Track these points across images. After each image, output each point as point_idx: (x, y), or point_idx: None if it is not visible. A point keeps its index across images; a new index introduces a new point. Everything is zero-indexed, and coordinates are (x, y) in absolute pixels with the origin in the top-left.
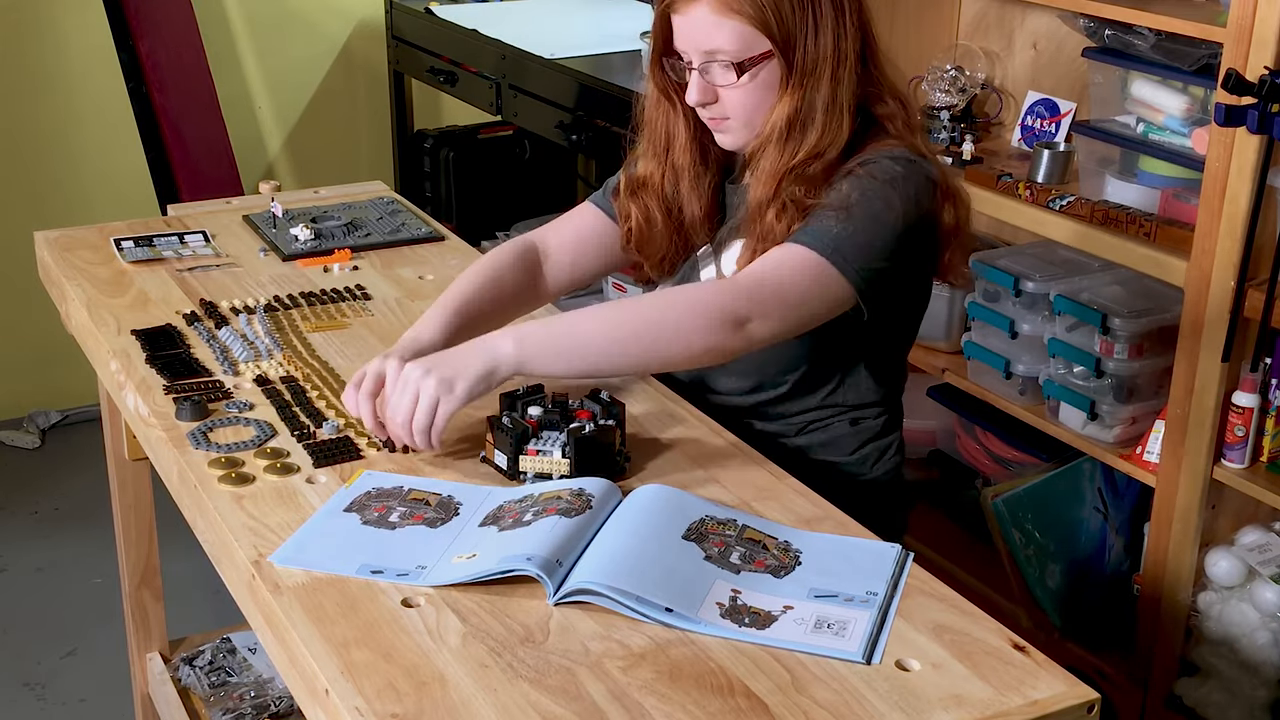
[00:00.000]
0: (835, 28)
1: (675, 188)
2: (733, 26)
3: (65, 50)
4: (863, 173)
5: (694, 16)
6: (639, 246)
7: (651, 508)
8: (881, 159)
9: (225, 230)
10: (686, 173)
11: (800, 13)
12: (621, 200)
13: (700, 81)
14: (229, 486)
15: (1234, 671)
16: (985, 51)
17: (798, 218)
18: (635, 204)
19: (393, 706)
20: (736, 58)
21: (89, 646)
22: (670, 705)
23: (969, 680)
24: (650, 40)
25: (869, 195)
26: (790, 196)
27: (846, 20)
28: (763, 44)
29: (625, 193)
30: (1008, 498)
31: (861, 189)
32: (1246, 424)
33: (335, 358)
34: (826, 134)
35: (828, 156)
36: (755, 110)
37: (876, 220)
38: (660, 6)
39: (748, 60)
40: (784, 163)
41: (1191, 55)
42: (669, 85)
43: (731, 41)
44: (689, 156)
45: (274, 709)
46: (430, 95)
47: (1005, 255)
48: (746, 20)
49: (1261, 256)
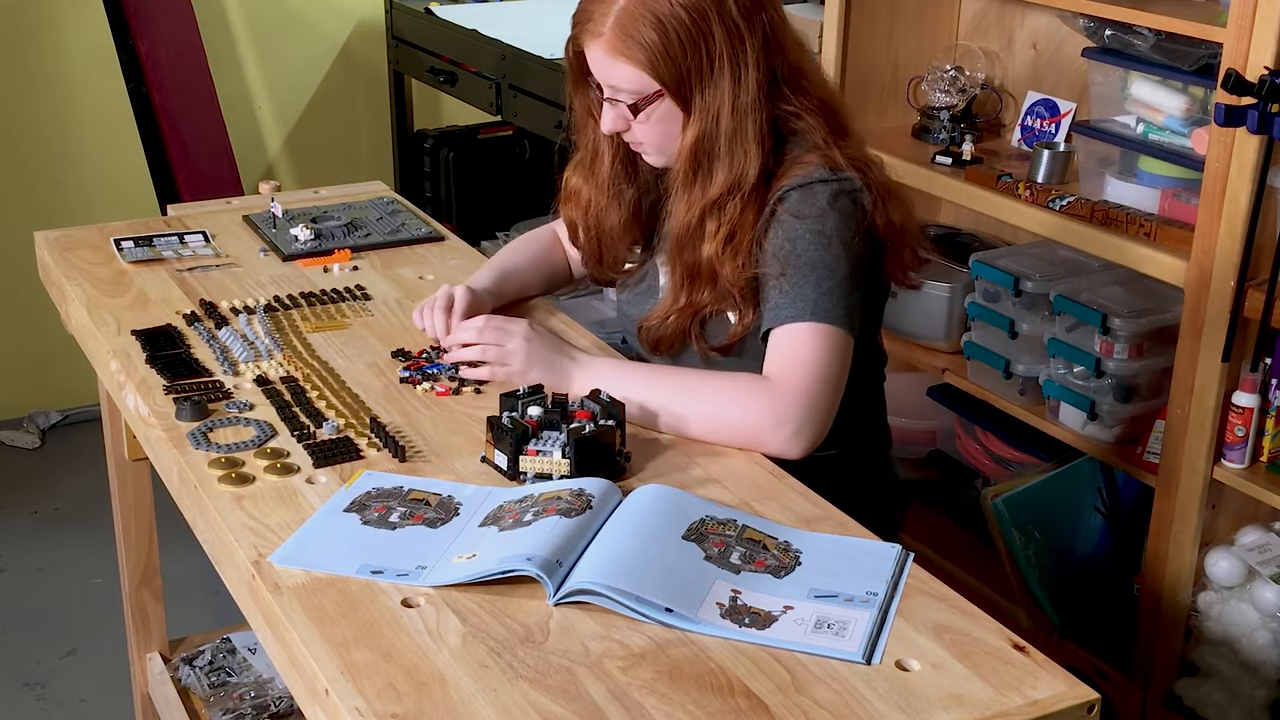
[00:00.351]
0: (732, 63)
1: (597, 200)
2: (623, 68)
3: (65, 50)
4: (786, 215)
5: (593, 53)
6: (579, 249)
7: (651, 508)
8: (795, 191)
9: (225, 230)
10: (607, 187)
11: (690, 54)
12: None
13: (611, 111)
14: (229, 486)
15: (1234, 671)
16: (985, 51)
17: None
18: (564, 212)
19: (393, 706)
20: (630, 98)
21: (89, 646)
22: (670, 705)
23: (969, 680)
24: (566, 58)
25: (805, 240)
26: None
27: (746, 53)
28: (652, 85)
29: (561, 201)
30: (1008, 498)
31: (793, 237)
32: (1246, 424)
33: (335, 358)
34: (734, 166)
35: (743, 189)
36: (665, 139)
37: (823, 261)
38: (570, 34)
39: (640, 100)
40: (696, 198)
41: (1191, 55)
42: (591, 104)
43: (626, 81)
44: (611, 173)
45: (274, 709)
46: (430, 95)
47: (1005, 255)
48: (634, 64)
49: (1261, 256)
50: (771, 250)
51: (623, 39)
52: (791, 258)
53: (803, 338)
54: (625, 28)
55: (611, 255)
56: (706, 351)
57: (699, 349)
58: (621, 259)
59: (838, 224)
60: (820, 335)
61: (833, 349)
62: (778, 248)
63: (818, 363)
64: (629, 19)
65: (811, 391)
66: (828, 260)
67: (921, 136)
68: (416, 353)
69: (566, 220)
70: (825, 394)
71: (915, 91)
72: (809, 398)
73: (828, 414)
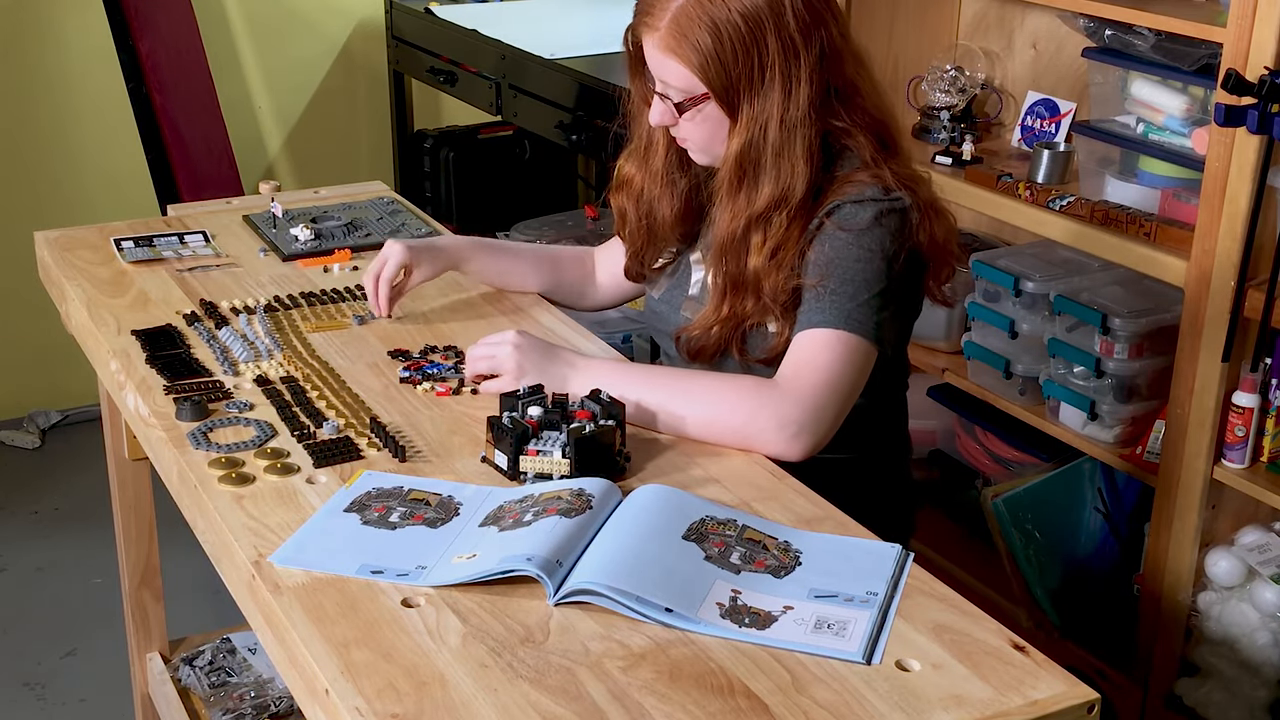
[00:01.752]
0: (784, 76)
1: (650, 190)
2: (674, 66)
3: (65, 50)
4: (832, 228)
5: (648, 47)
6: (625, 239)
7: (651, 508)
8: (846, 206)
9: (225, 230)
10: (661, 177)
11: (742, 61)
12: (612, 194)
13: (660, 105)
14: (229, 486)
15: (1234, 671)
16: (985, 51)
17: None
18: (615, 200)
19: (393, 706)
20: (677, 96)
21: (89, 646)
22: (670, 705)
23: (969, 680)
24: (625, 45)
25: (849, 252)
26: (757, 242)
27: (800, 67)
28: (699, 86)
29: (613, 188)
30: (1008, 498)
31: (837, 249)
32: (1246, 424)
33: (335, 358)
34: (781, 181)
35: (790, 205)
36: (709, 140)
37: (863, 274)
38: (631, 24)
39: (687, 100)
40: (741, 209)
41: (1191, 55)
42: (647, 93)
43: (675, 78)
44: (665, 162)
45: (274, 709)
46: (430, 95)
47: (1005, 255)
48: (684, 63)
49: (1261, 256)
50: (814, 260)
51: (676, 38)
52: (832, 267)
53: (825, 343)
54: (680, 26)
55: (659, 246)
56: (750, 363)
57: (741, 360)
58: (663, 253)
59: (882, 239)
60: (844, 343)
61: (852, 359)
62: (820, 258)
63: (831, 369)
64: (685, 19)
65: (818, 397)
66: (868, 274)
67: (921, 136)
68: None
69: (617, 208)
70: (832, 401)
71: (915, 91)
72: (814, 402)
73: (832, 421)
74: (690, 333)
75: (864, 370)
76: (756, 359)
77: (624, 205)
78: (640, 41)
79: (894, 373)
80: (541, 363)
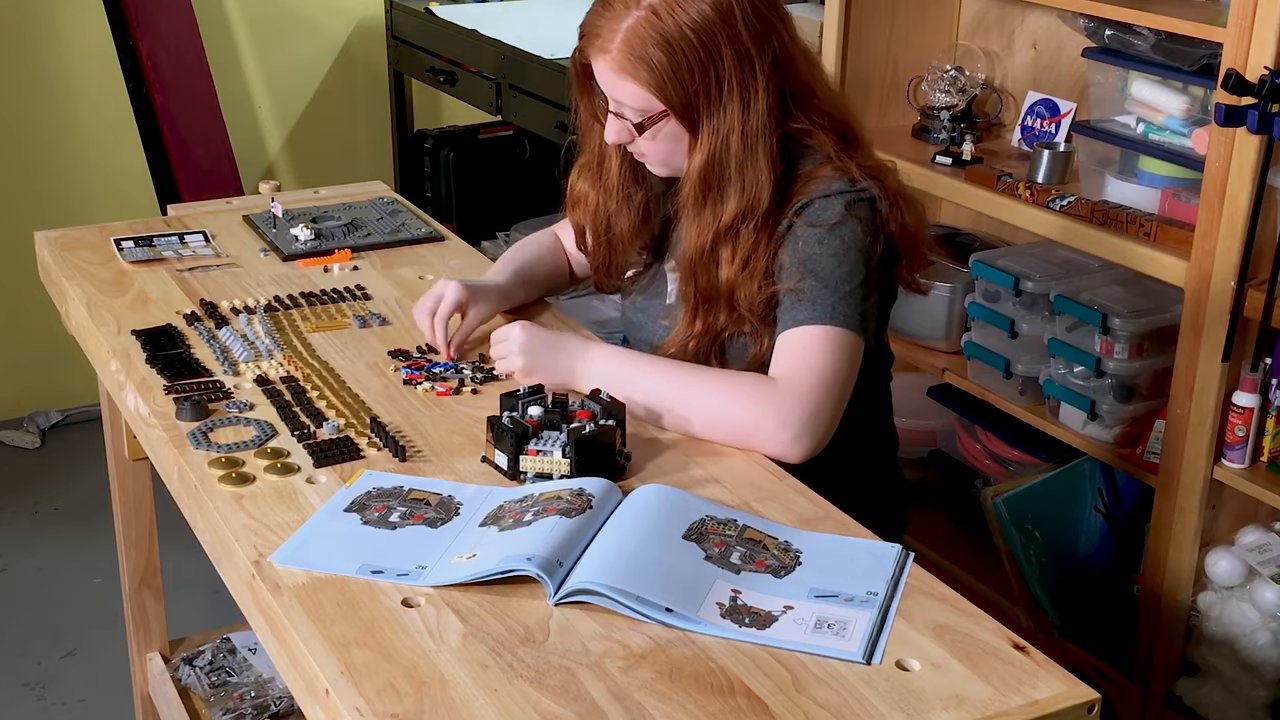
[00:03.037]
0: (741, 86)
1: (606, 206)
2: (629, 86)
3: (65, 50)
4: (803, 226)
5: (599, 69)
6: (586, 254)
7: (651, 507)
8: (815, 202)
9: (225, 230)
10: (616, 192)
11: (699, 76)
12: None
13: (615, 123)
14: (229, 486)
15: (1234, 671)
16: (985, 51)
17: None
18: (572, 217)
19: (393, 706)
20: (635, 116)
21: (89, 646)
22: (670, 705)
23: (969, 680)
24: (571, 65)
25: (824, 247)
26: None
27: (756, 76)
28: (656, 104)
29: (567, 205)
30: (1008, 498)
31: (811, 245)
32: (1246, 424)
33: (335, 358)
34: (747, 192)
35: (756, 214)
36: (669, 155)
37: (841, 267)
38: (577, 45)
39: (646, 120)
40: (708, 224)
41: (1191, 55)
42: (597, 110)
43: (631, 99)
44: (619, 178)
45: (274, 709)
46: (430, 95)
47: (1005, 255)
48: (640, 84)
49: (1261, 256)
50: (789, 261)
51: (630, 58)
52: (808, 264)
53: (814, 340)
54: (633, 47)
55: (620, 260)
56: None
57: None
58: (629, 265)
59: (855, 231)
60: (832, 339)
61: (843, 353)
62: (794, 257)
63: (825, 367)
64: (636, 38)
65: (817, 396)
66: (845, 266)
67: (921, 136)
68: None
69: (575, 225)
70: (830, 399)
71: (915, 91)
72: (814, 402)
73: (832, 419)
74: (667, 350)
75: (855, 364)
76: (738, 369)
77: (581, 222)
78: (588, 62)
79: (875, 363)
80: (548, 356)
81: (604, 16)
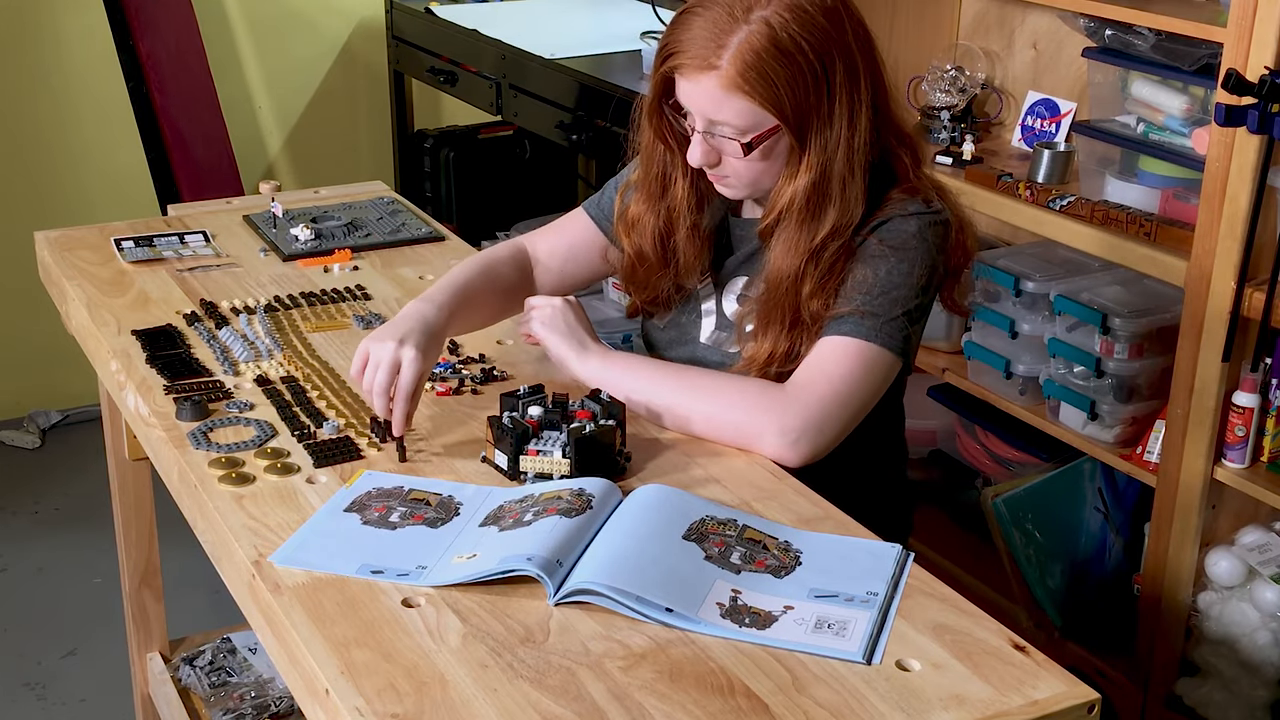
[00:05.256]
0: (850, 98)
1: (670, 231)
2: (742, 104)
3: (65, 50)
4: (876, 243)
5: (702, 85)
6: (628, 280)
7: (651, 507)
8: (894, 220)
9: (225, 230)
10: (683, 219)
11: (814, 90)
12: (616, 232)
13: (703, 144)
14: (229, 486)
15: (1234, 671)
16: (985, 51)
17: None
18: (628, 241)
19: (393, 706)
20: (743, 135)
21: (89, 646)
22: (670, 705)
23: (969, 680)
24: (650, 84)
25: (889, 265)
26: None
27: (861, 85)
28: (771, 120)
29: (618, 228)
30: (1008, 498)
31: (880, 265)
32: (1247, 424)
33: (335, 358)
34: (846, 210)
35: (847, 232)
36: (761, 175)
37: (902, 289)
38: (663, 63)
39: (755, 138)
40: (804, 241)
41: (1191, 55)
42: (669, 132)
43: (740, 117)
44: (685, 203)
45: (274, 709)
46: (430, 95)
47: (1005, 255)
48: (757, 100)
49: (1261, 256)
50: (858, 279)
51: (743, 73)
52: (873, 281)
53: (847, 353)
54: (748, 61)
55: (679, 286)
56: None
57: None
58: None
59: (927, 253)
60: (868, 355)
61: (872, 372)
62: (864, 276)
63: (845, 381)
64: (751, 52)
65: (825, 406)
66: (905, 289)
67: (922, 136)
68: None
69: (632, 250)
70: (839, 412)
71: (915, 91)
72: (818, 412)
73: (837, 431)
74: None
75: (884, 383)
76: None
77: (640, 247)
78: (674, 80)
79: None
80: (564, 329)
81: (704, 31)
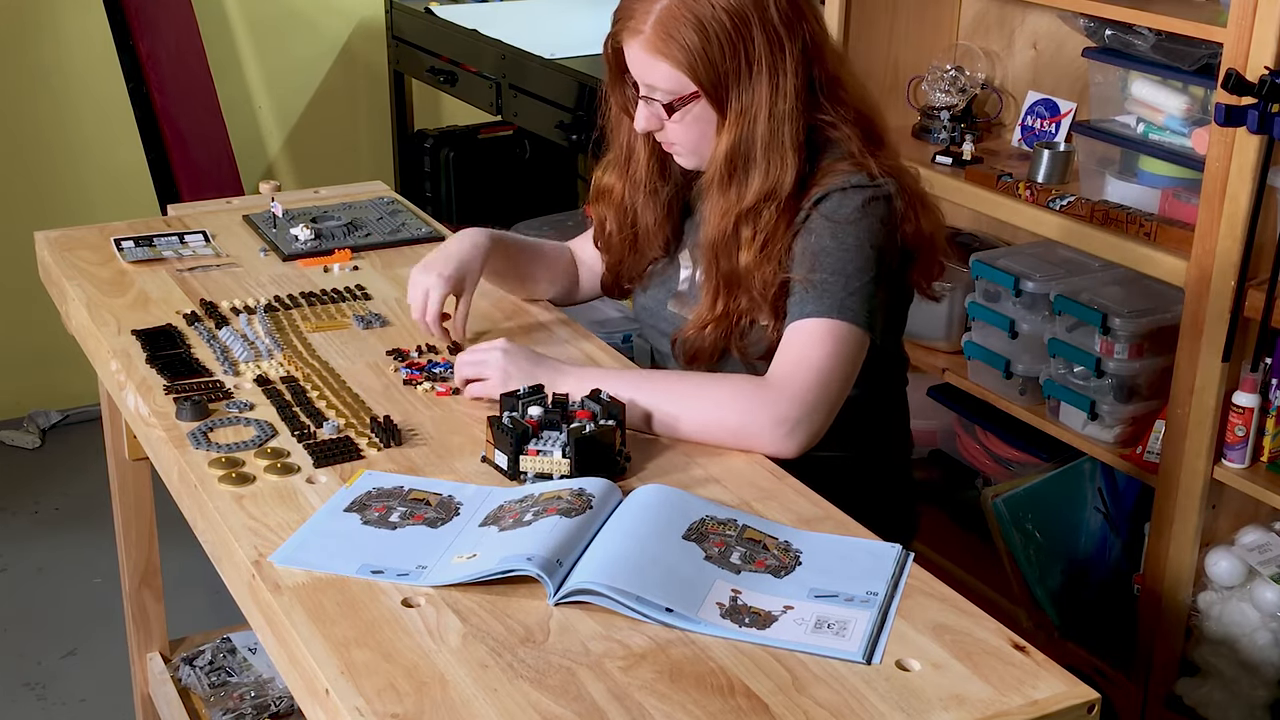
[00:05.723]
0: (771, 69)
1: (633, 199)
2: (662, 67)
3: (65, 50)
4: (819, 218)
5: (632, 51)
6: (603, 249)
7: (651, 507)
8: (833, 195)
9: (225, 230)
10: (643, 186)
11: (729, 56)
12: (591, 205)
13: (645, 110)
14: (229, 486)
15: (1234, 671)
16: (985, 51)
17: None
18: (596, 211)
19: (393, 706)
20: (665, 98)
21: (89, 646)
22: (670, 705)
23: (969, 680)
24: (604, 54)
25: (837, 240)
26: (748, 237)
27: (785, 60)
28: (689, 86)
29: (591, 199)
30: (1008, 498)
31: (825, 238)
32: (1247, 424)
33: (335, 358)
34: (770, 174)
35: (779, 197)
36: (698, 141)
37: (853, 261)
38: (610, 31)
39: (675, 101)
40: (731, 204)
41: (1191, 55)
42: (628, 102)
43: (663, 80)
44: (647, 171)
45: (274, 709)
46: (430, 95)
47: (1005, 255)
48: (673, 63)
49: (1261, 256)
50: (801, 252)
51: (663, 38)
52: (821, 257)
53: (817, 335)
54: (666, 27)
55: (639, 256)
56: (752, 360)
57: (742, 359)
58: (645, 263)
59: (870, 228)
60: (837, 332)
61: (845, 348)
62: (808, 248)
63: (823, 363)
64: (670, 19)
65: (812, 392)
66: (857, 262)
67: (922, 136)
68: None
69: (597, 219)
70: (827, 394)
71: (915, 91)
72: (808, 398)
73: (827, 414)
74: (685, 334)
75: (857, 359)
76: (757, 356)
77: (604, 215)
78: (621, 47)
79: (891, 366)
80: (528, 368)
81: (638, 0)
